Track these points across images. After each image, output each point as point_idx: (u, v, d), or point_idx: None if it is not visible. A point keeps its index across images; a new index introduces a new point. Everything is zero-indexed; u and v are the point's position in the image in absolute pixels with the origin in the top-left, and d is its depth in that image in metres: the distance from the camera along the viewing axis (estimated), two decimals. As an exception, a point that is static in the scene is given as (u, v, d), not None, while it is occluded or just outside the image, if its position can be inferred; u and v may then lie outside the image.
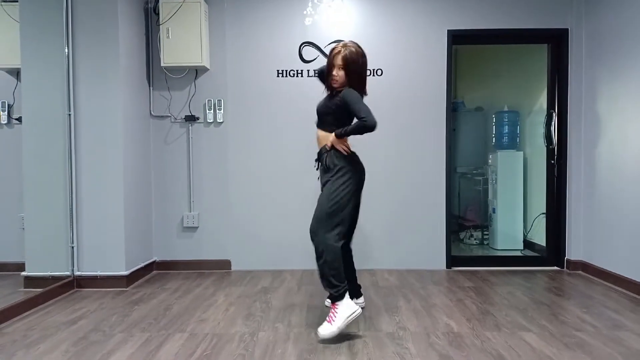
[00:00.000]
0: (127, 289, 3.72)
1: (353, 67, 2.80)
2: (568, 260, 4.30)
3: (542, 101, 4.98)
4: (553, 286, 3.74)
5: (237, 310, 3.17)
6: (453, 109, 4.68)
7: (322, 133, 2.92)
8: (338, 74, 2.81)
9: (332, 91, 2.87)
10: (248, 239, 4.33)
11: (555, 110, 4.37)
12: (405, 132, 4.31)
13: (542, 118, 4.79)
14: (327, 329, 2.60)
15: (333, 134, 2.80)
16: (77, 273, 3.74)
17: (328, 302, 3.09)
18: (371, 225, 4.26)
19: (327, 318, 2.65)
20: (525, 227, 5.27)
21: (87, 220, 3.73)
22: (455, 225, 5.74)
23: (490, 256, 4.86)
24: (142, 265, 4.06)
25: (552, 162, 4.41)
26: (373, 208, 4.23)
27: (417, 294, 3.49)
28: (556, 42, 4.36)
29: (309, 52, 4.27)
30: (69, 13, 3.65)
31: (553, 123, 4.37)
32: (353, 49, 2.81)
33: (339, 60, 2.80)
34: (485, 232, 5.59)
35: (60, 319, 3.02)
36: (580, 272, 4.20)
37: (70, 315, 3.09)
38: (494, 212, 5.35)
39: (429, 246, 4.34)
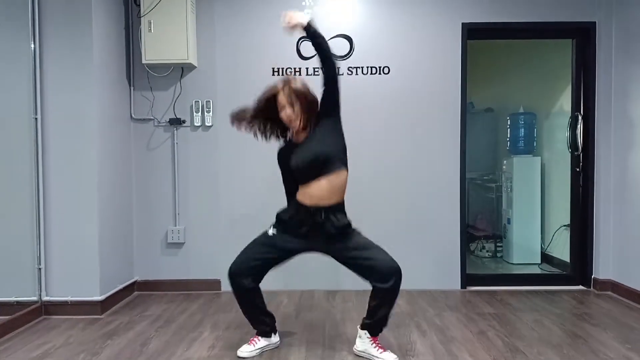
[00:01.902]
0: (101, 316, 3.28)
1: (301, 100, 2.39)
2: (595, 279, 3.88)
3: (562, 102, 4.56)
4: (584, 312, 3.32)
5: (225, 346, 2.73)
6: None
7: (325, 183, 2.39)
8: (292, 113, 2.39)
9: (293, 133, 2.49)
10: (240, 256, 3.88)
11: (580, 113, 3.94)
12: (414, 136, 3.87)
13: (562, 120, 4.38)
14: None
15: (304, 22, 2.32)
16: (45, 298, 3.29)
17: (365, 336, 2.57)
18: (376, 240, 3.81)
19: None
20: (543, 239, 4.84)
21: (57, 239, 3.28)
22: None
23: (509, 274, 4.42)
24: (121, 287, 3.61)
25: (577, 169, 3.98)
26: (378, 221, 3.79)
27: (433, 324, 3.06)
28: (582, 36, 3.93)
29: (307, 48, 3.81)
30: (35, 3, 3.19)
31: (579, 127, 3.94)
32: (298, 83, 2.42)
33: (284, 98, 2.38)
34: (499, 244, 5.16)
35: (18, 358, 2.57)
36: (609, 292, 3.77)
37: (30, 353, 2.65)
38: (508, 222, 4.92)
39: (441, 264, 3.90)
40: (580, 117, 3.94)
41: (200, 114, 3.82)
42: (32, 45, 3.21)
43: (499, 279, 4.09)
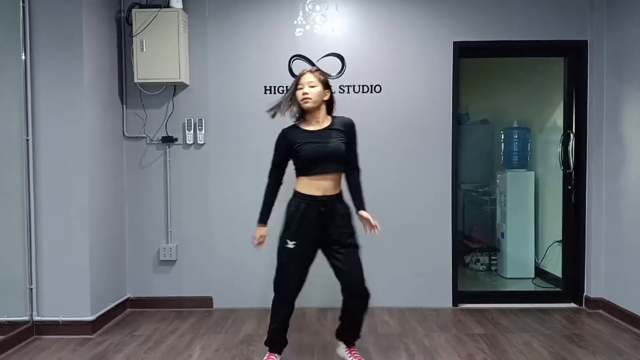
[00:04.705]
0: (92, 336, 3.29)
1: (325, 86, 2.60)
2: (587, 297, 3.88)
3: (556, 118, 4.56)
4: (574, 333, 3.31)
5: (213, 370, 2.74)
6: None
7: (334, 177, 2.59)
8: (309, 90, 2.53)
9: (302, 115, 2.62)
10: (232, 273, 3.90)
11: (572, 131, 3.95)
12: (405, 154, 3.88)
13: (556, 136, 4.39)
14: None
15: (365, 212, 2.62)
16: (36, 318, 3.31)
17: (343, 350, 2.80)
18: (367, 257, 3.82)
19: None
20: (537, 254, 4.84)
21: (48, 259, 3.30)
22: (460, 246, 5.32)
23: (501, 292, 4.42)
24: (113, 305, 3.62)
25: (569, 187, 3.99)
26: (369, 238, 3.78)
27: (422, 347, 3.06)
28: (574, 55, 3.93)
29: (300, 67, 3.81)
30: (27, 22, 3.21)
31: (570, 144, 3.94)
32: (321, 71, 2.66)
33: (309, 78, 2.56)
34: (493, 257, 5.17)
35: (7, 383, 2.59)
36: (600, 311, 3.77)
37: (19, 377, 2.66)
38: (502, 236, 4.93)
39: (432, 280, 3.91)
40: (572, 135, 3.94)
41: (192, 132, 3.83)
42: (23, 65, 3.22)
43: (491, 296, 4.09)
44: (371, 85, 3.84)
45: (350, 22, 3.83)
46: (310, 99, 2.53)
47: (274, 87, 3.83)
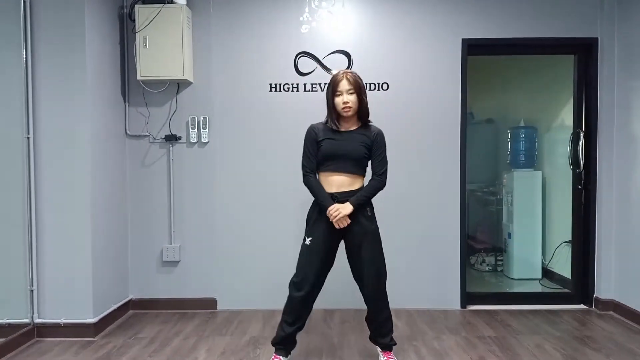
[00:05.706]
0: (95, 338, 3.22)
1: (362, 91, 2.61)
2: (597, 299, 3.82)
3: (564, 116, 4.50)
4: (585, 335, 3.25)
5: (219, 374, 2.68)
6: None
7: (349, 177, 2.61)
8: (349, 99, 2.56)
9: (338, 122, 2.63)
10: (236, 274, 3.83)
11: (582, 129, 3.89)
12: (413, 152, 3.81)
13: (563, 135, 4.33)
14: None
15: (349, 204, 2.54)
16: (37, 320, 3.23)
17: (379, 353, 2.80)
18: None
19: None
20: (544, 254, 4.79)
21: (49, 260, 3.23)
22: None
23: (509, 293, 4.37)
24: (115, 307, 3.55)
25: (579, 187, 3.93)
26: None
27: (432, 349, 3.00)
28: (584, 52, 3.87)
29: (305, 64, 3.77)
30: (28, 18, 3.13)
31: (580, 144, 3.88)
32: (356, 74, 2.63)
33: (346, 85, 2.56)
34: (499, 258, 5.11)
35: (8, 388, 2.52)
36: (611, 312, 3.72)
37: (21, 382, 2.60)
38: (509, 237, 4.87)
39: (441, 282, 3.84)
40: (581, 134, 3.88)
41: (196, 130, 3.77)
42: (24, 62, 3.15)
43: (500, 298, 4.04)
44: (378, 83, 3.77)
45: (357, 18, 3.76)
46: (350, 107, 2.56)
47: (279, 84, 3.76)
